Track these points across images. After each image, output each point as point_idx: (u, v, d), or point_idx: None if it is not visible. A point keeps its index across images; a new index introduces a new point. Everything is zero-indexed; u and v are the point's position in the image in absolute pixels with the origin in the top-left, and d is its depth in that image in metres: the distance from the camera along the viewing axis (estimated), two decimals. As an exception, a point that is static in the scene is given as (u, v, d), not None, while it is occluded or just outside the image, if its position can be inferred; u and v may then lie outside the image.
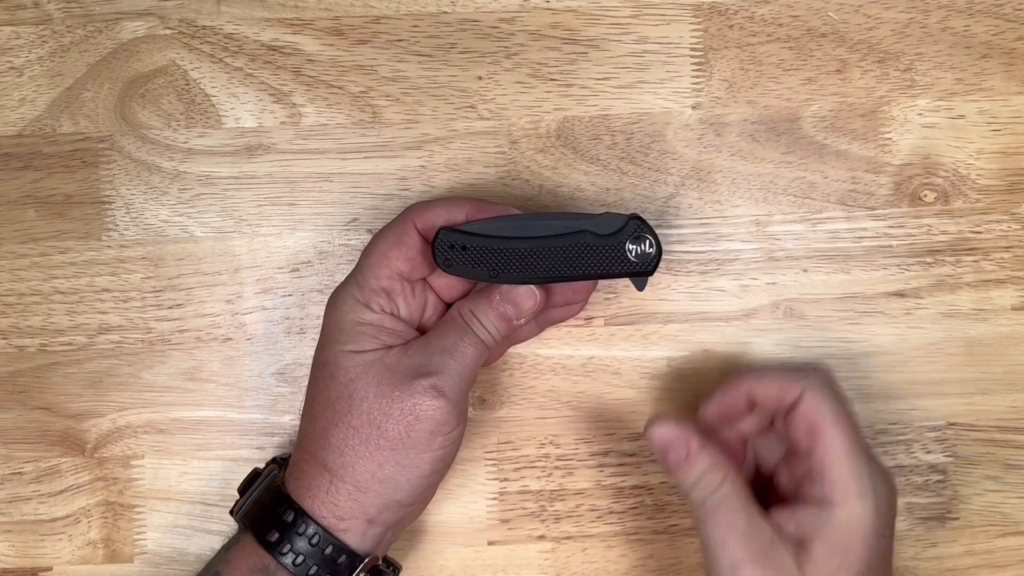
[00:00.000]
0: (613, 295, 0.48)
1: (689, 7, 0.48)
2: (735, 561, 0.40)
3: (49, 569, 0.48)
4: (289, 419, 0.48)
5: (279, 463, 0.44)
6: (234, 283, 0.48)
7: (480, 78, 0.48)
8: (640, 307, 0.48)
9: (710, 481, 0.41)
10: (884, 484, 0.41)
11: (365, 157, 0.48)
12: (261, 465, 0.45)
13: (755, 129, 0.48)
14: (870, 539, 0.40)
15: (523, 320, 0.42)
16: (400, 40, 0.48)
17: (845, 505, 0.40)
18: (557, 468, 0.48)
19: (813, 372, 0.42)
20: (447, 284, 0.43)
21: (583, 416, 0.48)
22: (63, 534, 0.48)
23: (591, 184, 0.48)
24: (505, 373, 0.48)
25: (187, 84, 0.48)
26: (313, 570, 0.40)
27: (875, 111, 0.48)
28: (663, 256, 0.41)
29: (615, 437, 0.48)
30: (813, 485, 0.41)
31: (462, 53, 0.48)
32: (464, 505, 0.48)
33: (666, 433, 0.41)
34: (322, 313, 0.48)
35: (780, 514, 0.41)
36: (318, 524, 0.40)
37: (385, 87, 0.48)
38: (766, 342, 0.48)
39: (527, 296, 0.42)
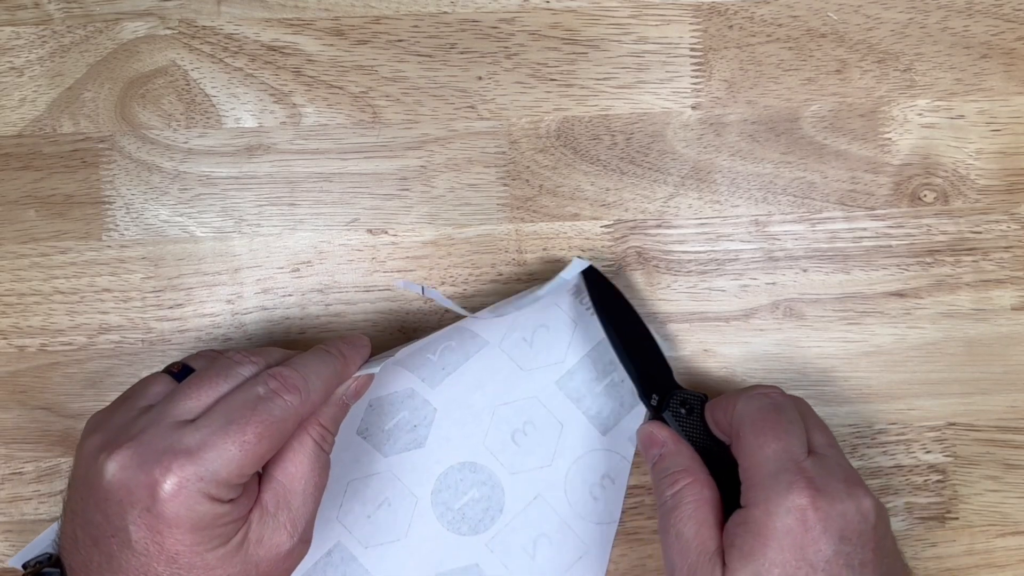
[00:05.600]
0: (613, 295, 0.48)
1: (689, 7, 0.48)
2: (672, 569, 0.41)
3: (49, 569, 0.48)
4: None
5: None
6: (234, 283, 0.48)
7: (480, 78, 0.48)
8: (639, 307, 0.48)
9: (671, 481, 0.42)
10: (849, 496, 0.39)
11: (365, 157, 0.48)
12: None
13: (755, 129, 0.48)
14: (785, 542, 0.38)
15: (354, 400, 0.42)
16: (400, 40, 0.48)
17: (755, 507, 0.39)
18: (557, 468, 0.48)
19: (757, 388, 0.43)
20: None
21: (583, 416, 0.48)
22: (63, 534, 0.48)
23: (591, 184, 0.48)
24: (505, 373, 0.48)
25: (187, 84, 0.48)
26: None
27: (875, 111, 0.48)
28: None
29: (615, 437, 0.48)
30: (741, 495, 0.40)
31: (462, 53, 0.48)
32: (464, 505, 0.48)
33: (647, 431, 0.44)
34: (323, 314, 0.48)
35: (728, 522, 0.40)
36: None
37: (385, 87, 0.48)
38: (766, 342, 0.48)
39: (366, 379, 0.42)
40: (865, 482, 0.40)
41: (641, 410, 0.47)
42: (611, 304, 0.46)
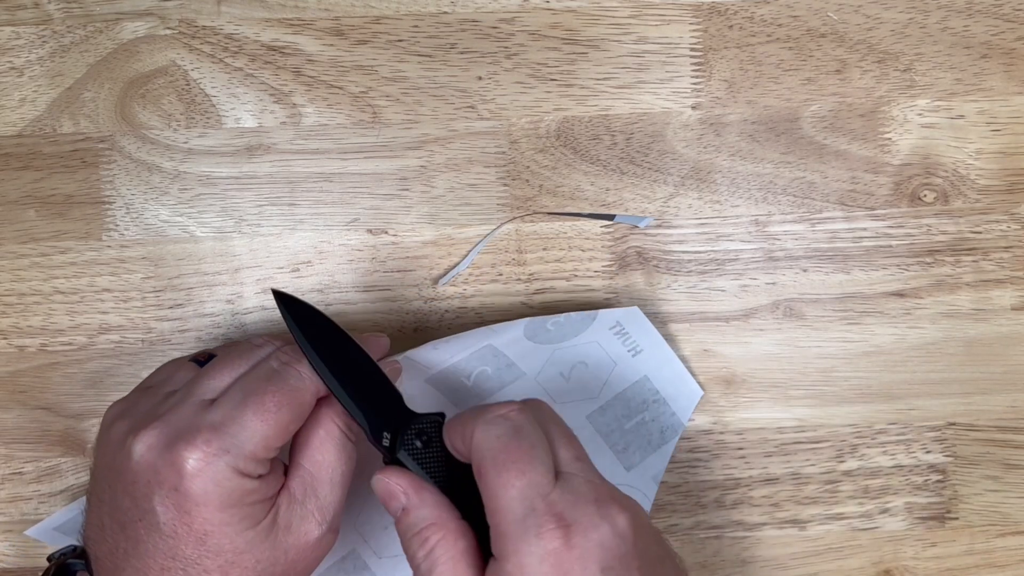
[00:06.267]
0: (613, 295, 0.48)
1: (689, 7, 0.48)
2: None
3: (49, 569, 0.48)
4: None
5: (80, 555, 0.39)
6: (234, 283, 0.48)
7: (480, 78, 0.48)
8: (640, 307, 0.48)
9: (420, 541, 0.36)
10: (607, 515, 0.35)
11: (365, 157, 0.48)
12: None
13: (755, 129, 0.48)
14: None
15: None
16: (400, 40, 0.48)
17: (506, 560, 0.34)
18: (557, 468, 0.48)
19: (494, 409, 0.37)
20: None
21: (583, 416, 0.48)
22: (63, 534, 0.48)
23: (591, 184, 0.48)
24: (505, 373, 0.48)
25: (187, 84, 0.48)
26: None
27: (875, 111, 0.48)
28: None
29: (615, 437, 0.48)
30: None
31: (462, 53, 0.48)
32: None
33: (383, 484, 0.38)
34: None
35: None
36: None
37: (385, 87, 0.48)
38: (766, 342, 0.48)
39: (392, 369, 0.42)
40: (617, 491, 0.36)
41: (668, 449, 0.47)
42: (319, 334, 0.39)
